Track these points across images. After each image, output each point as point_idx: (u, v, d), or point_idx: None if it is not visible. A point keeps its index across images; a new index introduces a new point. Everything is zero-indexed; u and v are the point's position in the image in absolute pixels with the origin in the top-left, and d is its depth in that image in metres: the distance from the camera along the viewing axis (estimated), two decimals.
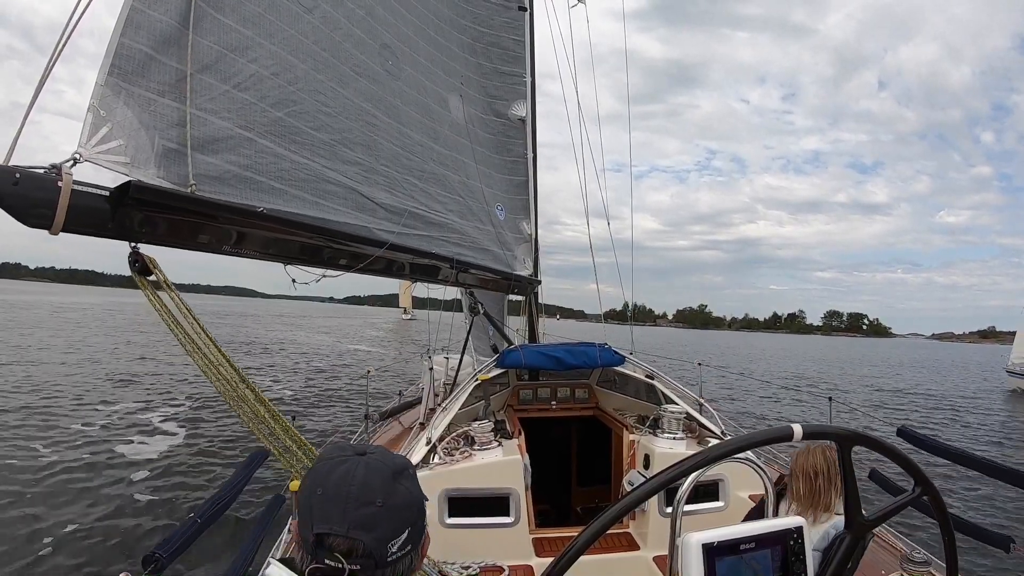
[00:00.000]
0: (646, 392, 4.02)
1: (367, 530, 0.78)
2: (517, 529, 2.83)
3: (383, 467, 0.83)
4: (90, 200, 1.60)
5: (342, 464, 0.82)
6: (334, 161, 2.82)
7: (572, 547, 0.83)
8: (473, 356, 5.62)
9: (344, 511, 0.78)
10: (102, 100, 1.70)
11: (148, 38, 1.84)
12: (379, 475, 0.82)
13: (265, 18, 2.42)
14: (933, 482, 1.03)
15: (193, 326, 1.81)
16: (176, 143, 1.93)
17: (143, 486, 6.58)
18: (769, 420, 13.72)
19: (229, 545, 4.81)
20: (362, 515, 0.78)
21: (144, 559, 2.00)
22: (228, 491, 2.71)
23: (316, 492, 0.80)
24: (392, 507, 0.80)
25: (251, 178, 2.25)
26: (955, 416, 15.90)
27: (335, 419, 10.77)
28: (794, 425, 0.91)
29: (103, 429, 9.03)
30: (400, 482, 0.83)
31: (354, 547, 0.77)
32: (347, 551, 0.77)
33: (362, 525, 0.78)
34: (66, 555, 4.81)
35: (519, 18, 5.44)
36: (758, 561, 1.06)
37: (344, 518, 0.77)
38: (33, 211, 1.47)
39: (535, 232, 5.69)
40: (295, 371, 17.90)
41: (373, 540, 0.78)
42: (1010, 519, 6.86)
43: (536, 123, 5.71)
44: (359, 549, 0.77)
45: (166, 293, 1.80)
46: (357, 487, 0.79)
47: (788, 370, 31.46)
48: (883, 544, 2.61)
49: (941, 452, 3.63)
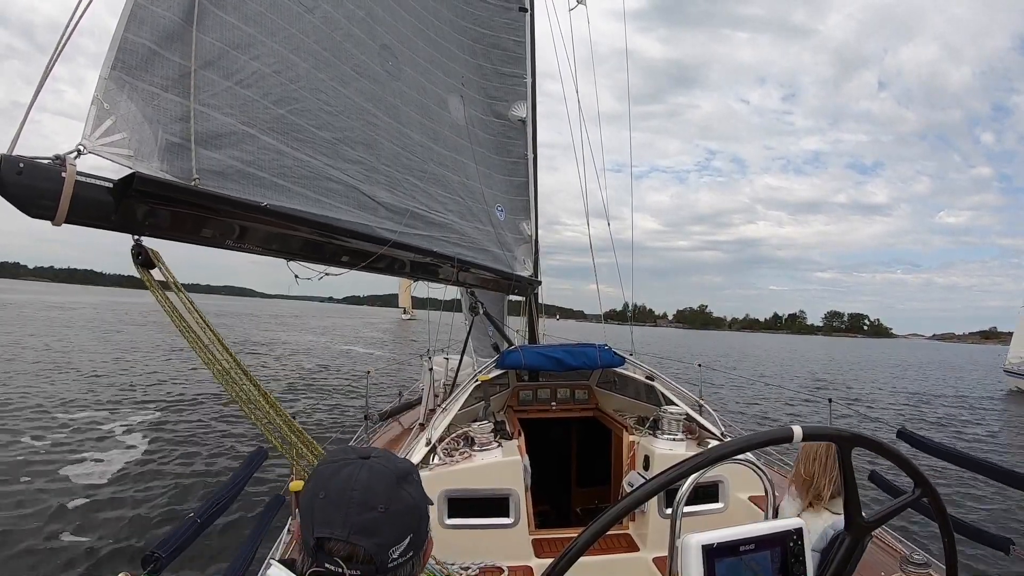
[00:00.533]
0: (646, 393, 4.02)
1: (368, 535, 0.77)
2: (517, 530, 2.82)
3: (387, 472, 0.82)
4: (94, 191, 1.59)
5: (345, 467, 0.81)
6: (335, 159, 2.82)
7: (572, 548, 0.83)
8: (473, 356, 5.62)
9: (346, 516, 0.77)
10: (106, 93, 1.69)
11: (151, 33, 1.85)
12: (382, 480, 0.81)
13: (267, 16, 2.43)
14: (933, 484, 1.03)
15: (197, 321, 1.80)
16: (179, 137, 1.93)
17: (143, 486, 6.57)
18: (770, 421, 13.73)
19: (229, 545, 4.81)
20: (364, 520, 0.77)
21: (144, 559, 2.00)
22: (228, 491, 2.70)
23: (318, 495, 0.79)
24: (395, 513, 0.79)
25: (253, 174, 2.25)
26: (970, 418, 15.87)
27: (334, 419, 10.76)
28: (794, 427, 0.91)
29: (103, 428, 9.01)
30: (404, 487, 0.82)
31: (354, 552, 0.77)
32: (347, 556, 0.77)
33: (363, 530, 0.77)
34: (65, 555, 4.79)
35: (519, 19, 5.45)
36: (758, 562, 1.06)
37: (345, 523, 0.77)
38: (36, 201, 1.46)
39: (535, 233, 5.70)
40: (288, 372, 17.80)
41: (374, 546, 0.77)
42: (1010, 520, 6.86)
43: (536, 124, 5.72)
44: (359, 555, 0.77)
45: (169, 287, 1.79)
46: (360, 491, 0.78)
47: (794, 372, 31.12)
48: (883, 546, 2.61)
49: (941, 454, 3.63)
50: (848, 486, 1.00)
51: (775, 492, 1.65)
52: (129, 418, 9.94)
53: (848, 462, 0.99)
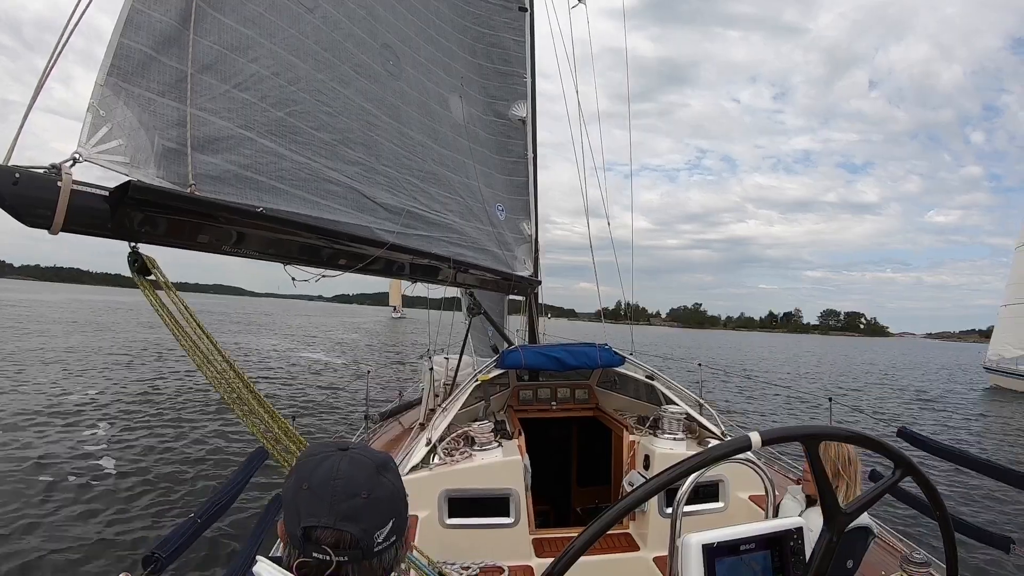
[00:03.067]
0: (646, 393, 4.02)
1: (354, 521, 0.80)
2: (517, 530, 2.83)
3: (366, 461, 0.86)
4: (90, 200, 1.59)
5: (326, 460, 0.85)
6: (335, 161, 2.81)
7: (572, 548, 0.84)
8: (473, 356, 5.62)
9: (331, 504, 0.80)
10: (102, 100, 1.69)
11: (148, 38, 1.84)
12: (363, 469, 0.84)
13: (265, 18, 2.41)
14: (915, 462, 1.01)
15: (192, 327, 1.80)
16: (176, 143, 1.92)
17: (143, 486, 6.58)
18: (771, 419, 13.72)
19: (229, 545, 4.82)
20: (348, 507, 0.80)
21: (144, 559, 2.01)
22: (228, 491, 2.70)
23: (302, 488, 0.83)
24: (377, 499, 0.83)
25: (251, 178, 2.24)
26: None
27: (335, 419, 10.77)
28: (751, 434, 0.91)
29: (103, 428, 9.03)
30: (383, 475, 0.86)
31: (341, 538, 0.79)
32: (335, 543, 0.79)
33: (349, 516, 0.80)
34: (65, 556, 4.80)
35: (519, 18, 5.44)
36: (757, 562, 1.06)
37: (331, 511, 0.80)
38: (33, 211, 1.46)
39: (535, 232, 5.69)
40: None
41: (360, 531, 0.80)
42: (1010, 519, 6.86)
43: (536, 123, 5.72)
44: (347, 540, 0.80)
45: (165, 293, 1.79)
46: (343, 480, 0.82)
47: (798, 372, 30.49)
48: (883, 545, 2.61)
49: (941, 453, 3.63)
50: (820, 481, 1.00)
51: (775, 491, 1.65)
52: (129, 418, 9.95)
53: (817, 458, 0.98)
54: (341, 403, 12.57)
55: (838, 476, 2.07)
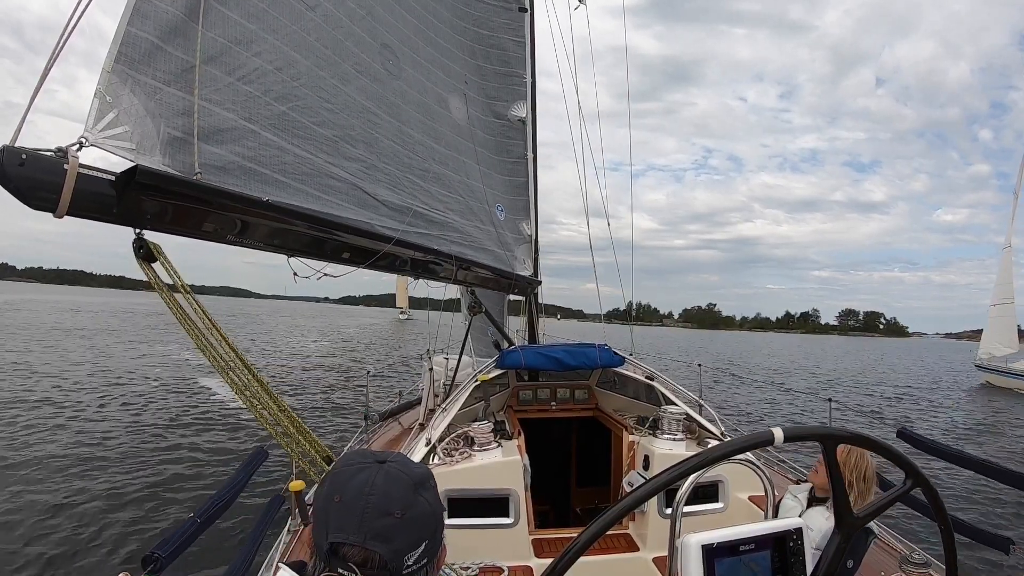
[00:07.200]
0: (646, 393, 4.02)
1: (384, 541, 0.76)
2: (517, 530, 2.82)
3: (403, 477, 0.81)
4: (96, 184, 1.59)
5: (362, 472, 0.80)
6: (336, 157, 2.82)
7: (571, 548, 0.83)
8: (472, 357, 5.62)
9: (361, 521, 0.76)
10: (108, 86, 1.69)
11: (155, 28, 1.85)
12: (399, 485, 0.79)
13: (269, 14, 2.44)
14: (925, 475, 1.02)
15: (198, 312, 1.80)
16: (182, 132, 1.92)
17: (143, 486, 6.57)
18: (769, 421, 13.69)
19: (229, 545, 4.81)
20: (380, 526, 0.76)
21: (144, 559, 2.00)
22: (228, 491, 2.70)
23: (333, 499, 0.78)
24: (411, 519, 0.78)
25: (255, 170, 2.25)
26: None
27: (334, 419, 10.76)
28: (775, 429, 0.91)
29: (102, 428, 9.00)
30: (420, 493, 0.81)
31: (370, 558, 0.75)
32: (362, 562, 0.75)
33: (379, 536, 0.76)
34: (65, 556, 4.78)
35: (519, 19, 5.45)
36: (757, 562, 1.06)
37: (361, 528, 0.75)
38: (38, 193, 1.45)
39: (535, 233, 5.70)
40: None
41: (390, 552, 0.76)
42: (1010, 521, 6.86)
43: (536, 124, 5.72)
44: (375, 560, 0.75)
45: (170, 280, 1.78)
46: (377, 497, 0.77)
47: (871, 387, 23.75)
48: (883, 545, 2.61)
49: (941, 453, 3.63)
50: (835, 483, 1.00)
51: (775, 492, 1.65)
52: (128, 418, 9.93)
53: (834, 460, 0.98)
54: (341, 403, 12.55)
55: (851, 487, 2.05)
